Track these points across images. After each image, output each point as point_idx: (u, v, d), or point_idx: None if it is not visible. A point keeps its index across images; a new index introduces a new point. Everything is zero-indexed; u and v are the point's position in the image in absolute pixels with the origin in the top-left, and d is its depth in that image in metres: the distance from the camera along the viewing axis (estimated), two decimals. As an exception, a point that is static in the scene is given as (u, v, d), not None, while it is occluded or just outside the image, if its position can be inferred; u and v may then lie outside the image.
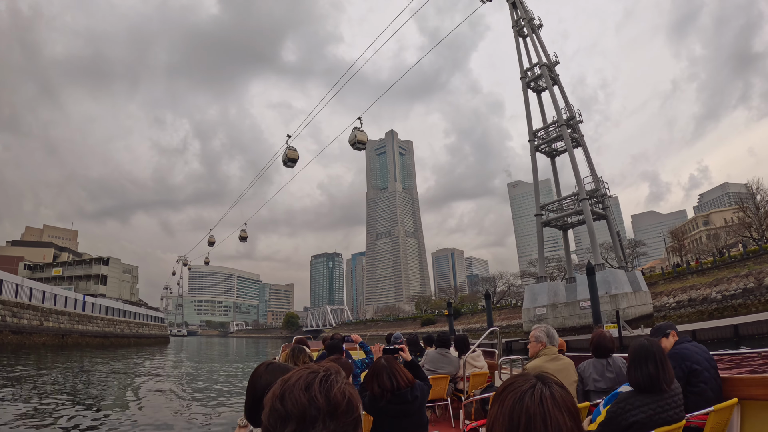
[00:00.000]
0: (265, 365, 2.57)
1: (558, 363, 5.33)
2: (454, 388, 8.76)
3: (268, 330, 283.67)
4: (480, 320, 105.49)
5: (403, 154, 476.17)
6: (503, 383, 1.48)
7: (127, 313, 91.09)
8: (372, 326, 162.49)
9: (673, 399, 3.53)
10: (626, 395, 3.59)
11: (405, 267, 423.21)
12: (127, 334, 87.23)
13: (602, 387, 5.16)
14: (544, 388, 1.35)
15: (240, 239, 41.09)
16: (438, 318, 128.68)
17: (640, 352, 3.64)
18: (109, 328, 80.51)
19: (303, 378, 1.25)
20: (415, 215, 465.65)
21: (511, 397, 1.36)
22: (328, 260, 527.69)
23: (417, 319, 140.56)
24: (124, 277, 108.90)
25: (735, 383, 4.49)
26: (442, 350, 8.70)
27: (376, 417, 4.65)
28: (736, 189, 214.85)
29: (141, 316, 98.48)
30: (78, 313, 70.76)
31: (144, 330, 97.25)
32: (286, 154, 27.37)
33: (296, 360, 5.14)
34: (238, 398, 19.99)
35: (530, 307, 55.29)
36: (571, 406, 1.35)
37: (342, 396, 1.21)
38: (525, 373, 1.50)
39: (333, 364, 1.40)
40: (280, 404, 1.21)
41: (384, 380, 4.55)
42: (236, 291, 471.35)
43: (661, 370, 3.51)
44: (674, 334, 5.00)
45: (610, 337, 5.55)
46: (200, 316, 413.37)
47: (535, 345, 5.58)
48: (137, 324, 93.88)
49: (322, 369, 1.30)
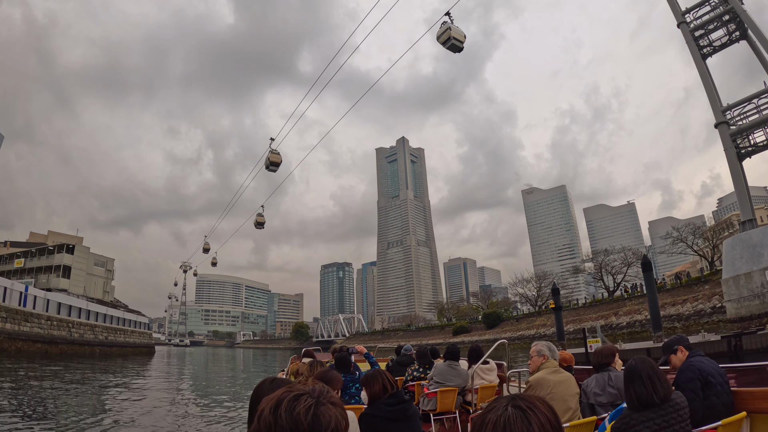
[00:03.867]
0: (269, 381, 2.55)
1: (560, 375, 5.42)
2: (463, 400, 8.58)
3: (276, 341, 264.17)
4: (532, 325, 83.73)
5: (414, 162, 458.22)
6: (479, 416, 1.39)
7: (93, 314, 70.04)
8: (391, 336, 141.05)
9: (678, 413, 3.47)
10: (629, 411, 3.59)
11: (417, 276, 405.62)
12: (90, 341, 66.09)
13: (603, 401, 5.11)
14: (516, 411, 1.29)
15: (256, 225, 34.16)
16: (473, 326, 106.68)
17: (627, 372, 3.67)
18: (60, 332, 59.48)
19: (276, 397, 1.25)
20: (427, 224, 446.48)
21: (489, 423, 1.30)
22: (338, 270, 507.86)
23: (445, 328, 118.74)
24: (95, 271, 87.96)
25: (744, 396, 4.41)
26: (451, 363, 8.47)
27: (376, 427, 4.52)
28: (756, 192, 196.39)
29: (115, 319, 77.20)
30: (9, 307, 50.12)
31: (118, 337, 75.99)
32: (268, 158, 25.39)
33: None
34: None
35: (749, 272, 33.32)
36: (548, 421, 1.28)
37: (306, 414, 1.19)
38: (501, 396, 1.45)
39: (320, 383, 1.39)
40: (257, 422, 1.23)
41: (383, 380, 4.67)
42: (244, 301, 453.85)
43: (650, 387, 3.49)
44: (682, 349, 4.92)
45: (608, 348, 5.60)
46: (207, 326, 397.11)
47: (537, 359, 5.63)
48: (106, 329, 72.60)
49: (300, 389, 1.29)
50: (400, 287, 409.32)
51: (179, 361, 73.02)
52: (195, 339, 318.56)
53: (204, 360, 78.47)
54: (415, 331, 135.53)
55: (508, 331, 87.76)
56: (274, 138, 25.67)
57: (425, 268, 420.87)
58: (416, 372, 9.45)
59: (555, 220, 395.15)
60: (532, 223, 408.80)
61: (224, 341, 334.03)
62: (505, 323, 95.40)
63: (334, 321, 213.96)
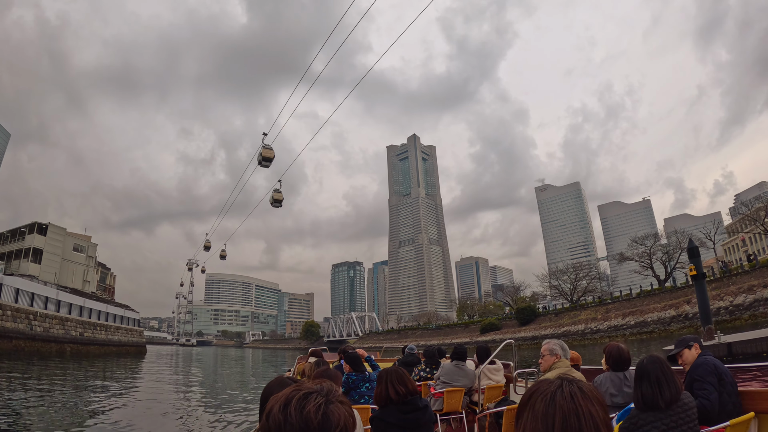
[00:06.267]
0: (278, 381, 2.57)
1: (572, 375, 4.53)
2: (469, 400, 8.41)
3: (285, 341, 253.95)
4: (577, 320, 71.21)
5: (426, 160, 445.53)
6: (527, 390, 1.41)
7: (66, 305, 58.28)
8: (408, 335, 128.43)
9: (686, 413, 3.42)
10: (637, 411, 3.54)
11: (429, 275, 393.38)
12: (58, 337, 54.31)
13: (620, 402, 4.95)
14: (572, 386, 1.32)
15: (273, 203, 29.64)
16: (503, 323, 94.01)
17: (636, 372, 3.65)
18: (16, 324, 47.77)
19: (285, 395, 1.24)
20: (439, 222, 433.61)
21: (542, 400, 1.31)
22: (349, 269, 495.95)
23: (470, 326, 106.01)
24: (73, 257, 75.83)
25: (753, 396, 4.34)
26: (458, 363, 8.32)
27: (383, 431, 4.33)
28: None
29: (94, 313, 65.29)
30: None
31: (98, 333, 64.08)
32: (261, 153, 25.02)
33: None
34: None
35: None
36: (600, 399, 1.33)
37: (315, 413, 1.18)
38: (547, 378, 1.43)
39: (326, 381, 1.39)
40: (266, 420, 1.22)
41: (396, 383, 4.33)
42: (254, 300, 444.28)
43: (656, 390, 3.46)
44: (697, 346, 4.88)
45: (623, 349, 5.30)
46: (216, 325, 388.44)
47: (549, 358, 5.49)
48: (82, 324, 60.72)
49: (309, 387, 1.28)
50: (412, 286, 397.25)
51: (180, 363, 61.66)
52: (204, 339, 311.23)
53: (211, 362, 66.74)
54: (436, 330, 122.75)
55: (547, 328, 75.25)
56: (267, 133, 25.21)
57: (437, 267, 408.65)
58: (423, 372, 9.40)
59: (569, 218, 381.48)
60: (545, 221, 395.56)
61: (233, 341, 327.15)
62: (542, 319, 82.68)
63: (346, 320, 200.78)
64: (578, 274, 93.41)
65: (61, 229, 74.47)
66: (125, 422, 15.67)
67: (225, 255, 50.84)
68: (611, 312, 65.77)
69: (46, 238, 68.84)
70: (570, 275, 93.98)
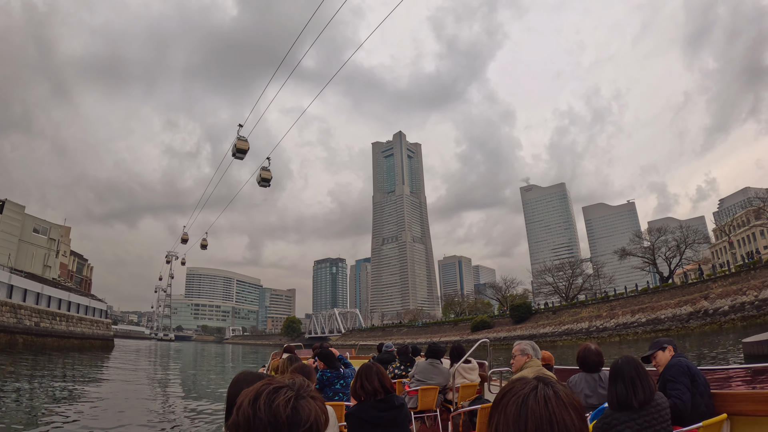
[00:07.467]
0: (243, 375, 2.49)
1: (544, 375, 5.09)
2: (444, 399, 8.33)
3: (266, 337, 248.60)
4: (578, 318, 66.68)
5: (411, 157, 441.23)
6: (501, 389, 1.33)
7: (19, 291, 51.77)
8: (393, 333, 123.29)
9: (659, 413, 3.43)
10: (611, 411, 3.55)
11: (412, 273, 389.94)
12: (10, 327, 47.74)
13: (594, 403, 4.92)
14: (547, 389, 1.22)
15: (260, 182, 28.16)
16: (495, 320, 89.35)
17: (611, 372, 3.65)
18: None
19: (256, 389, 1.22)
20: (423, 220, 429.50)
21: (514, 402, 1.22)
22: (331, 266, 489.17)
23: (459, 324, 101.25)
24: (32, 238, 68.66)
25: (726, 398, 4.40)
26: (433, 361, 8.22)
27: (362, 429, 4.28)
28: (758, 193, 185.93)
29: (54, 302, 58.56)
30: None
31: (57, 324, 57.23)
32: (236, 145, 24.95)
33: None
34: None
35: None
36: (576, 403, 1.23)
37: (285, 407, 1.16)
38: (522, 377, 1.35)
39: (299, 376, 1.36)
40: (235, 414, 1.19)
41: (374, 380, 4.30)
42: (235, 295, 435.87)
43: (630, 390, 3.47)
44: (671, 348, 4.89)
45: (595, 350, 5.28)
46: (197, 320, 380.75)
47: (521, 358, 5.52)
48: (39, 312, 54.02)
49: (280, 382, 1.26)
50: (394, 284, 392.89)
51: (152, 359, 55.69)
52: (183, 334, 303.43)
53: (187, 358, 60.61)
54: (422, 328, 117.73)
55: (546, 326, 70.50)
56: (243, 124, 25.08)
57: (420, 265, 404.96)
58: (397, 370, 9.43)
59: (553, 218, 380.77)
60: (530, 221, 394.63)
61: (213, 336, 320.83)
62: (539, 316, 77.93)
63: (328, 316, 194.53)
64: (574, 271, 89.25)
65: (20, 207, 67.15)
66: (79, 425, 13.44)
67: (206, 244, 48.69)
68: (617, 309, 61.27)
69: (2, 216, 61.88)
70: (566, 272, 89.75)
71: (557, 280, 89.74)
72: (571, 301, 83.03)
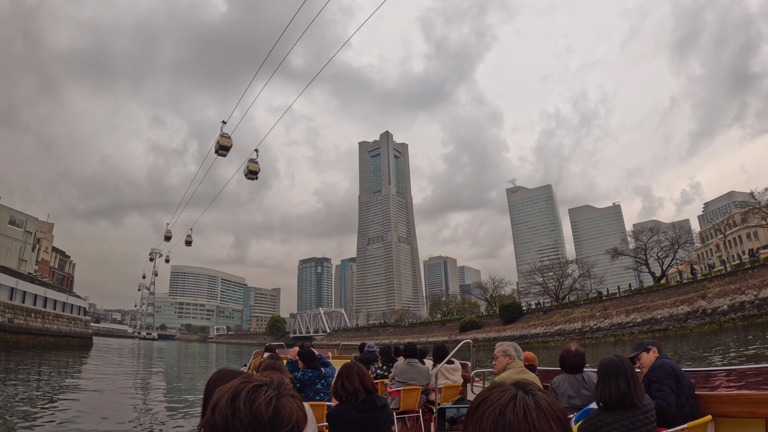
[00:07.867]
0: (217, 373, 2.44)
1: (525, 376, 5.19)
2: (426, 399, 8.32)
3: (250, 336, 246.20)
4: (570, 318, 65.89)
5: (398, 157, 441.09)
6: (477, 397, 1.20)
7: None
8: (380, 333, 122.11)
9: (645, 415, 3.43)
10: (597, 412, 3.52)
11: (397, 273, 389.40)
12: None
13: (577, 404, 4.85)
14: (527, 398, 1.10)
15: (248, 175, 27.96)
16: (484, 321, 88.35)
17: (610, 368, 3.57)
18: None
19: (233, 388, 1.17)
20: (409, 220, 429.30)
21: (490, 414, 1.09)
22: (316, 265, 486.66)
23: (447, 324, 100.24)
24: (7, 231, 65.75)
25: (710, 400, 4.40)
26: (411, 361, 8.27)
27: (341, 429, 4.21)
28: (742, 198, 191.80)
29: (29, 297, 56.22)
30: None
31: (31, 321, 54.70)
32: (219, 142, 24.89)
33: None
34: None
35: None
36: (559, 413, 1.10)
37: (267, 407, 1.12)
38: (501, 382, 1.22)
39: (276, 373, 1.32)
40: (211, 414, 1.14)
41: (355, 380, 4.25)
42: (220, 294, 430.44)
43: (632, 385, 3.45)
44: (655, 350, 4.88)
45: (575, 351, 5.19)
46: (181, 319, 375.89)
47: (503, 359, 5.45)
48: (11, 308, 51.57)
49: (258, 380, 1.21)
50: (379, 284, 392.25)
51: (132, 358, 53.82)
52: (167, 332, 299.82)
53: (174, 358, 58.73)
54: (409, 328, 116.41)
55: (537, 326, 69.64)
56: (226, 121, 25.09)
57: (406, 265, 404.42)
58: (379, 370, 9.36)
59: (539, 220, 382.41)
60: (516, 222, 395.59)
61: (197, 335, 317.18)
62: (529, 317, 77.06)
63: (313, 315, 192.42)
64: (564, 271, 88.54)
65: (-7, 199, 64.34)
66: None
67: (191, 241, 48.56)
68: (610, 309, 60.51)
69: (-26, 208, 58.53)
70: (556, 272, 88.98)
71: (547, 280, 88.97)
72: (561, 301, 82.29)
